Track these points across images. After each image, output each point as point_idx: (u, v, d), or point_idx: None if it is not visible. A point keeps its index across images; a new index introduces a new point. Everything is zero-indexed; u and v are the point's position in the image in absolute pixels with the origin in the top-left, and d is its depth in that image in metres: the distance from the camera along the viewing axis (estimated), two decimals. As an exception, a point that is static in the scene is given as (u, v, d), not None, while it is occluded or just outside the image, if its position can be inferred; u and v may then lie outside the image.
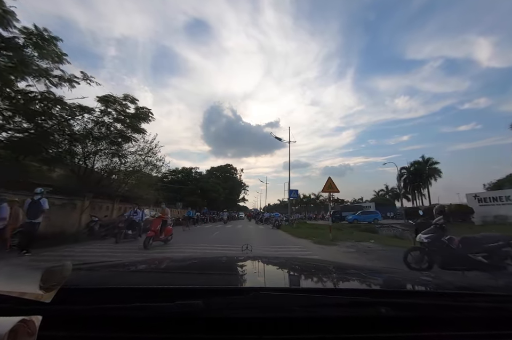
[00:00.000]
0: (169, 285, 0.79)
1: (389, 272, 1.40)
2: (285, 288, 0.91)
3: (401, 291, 0.88)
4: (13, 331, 0.42)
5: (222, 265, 1.44)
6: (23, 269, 1.24)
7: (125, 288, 0.74)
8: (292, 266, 1.47)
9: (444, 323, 0.64)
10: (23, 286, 0.63)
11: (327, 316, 0.63)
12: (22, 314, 0.46)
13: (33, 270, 0.99)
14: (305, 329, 0.61)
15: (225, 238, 11.14)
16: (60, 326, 0.58)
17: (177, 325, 0.60)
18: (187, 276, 1.08)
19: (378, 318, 0.63)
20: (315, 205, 63.40)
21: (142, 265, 1.42)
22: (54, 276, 0.76)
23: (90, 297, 0.66)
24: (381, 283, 1.17)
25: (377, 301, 0.66)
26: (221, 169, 57.38)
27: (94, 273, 1.13)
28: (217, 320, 0.61)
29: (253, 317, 0.62)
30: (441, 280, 1.28)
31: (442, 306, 0.67)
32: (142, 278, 1.07)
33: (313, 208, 62.77)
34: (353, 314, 0.63)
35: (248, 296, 0.64)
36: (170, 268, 1.37)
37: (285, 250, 7.98)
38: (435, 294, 0.83)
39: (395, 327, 0.62)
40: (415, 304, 0.68)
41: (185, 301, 0.59)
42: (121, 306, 0.61)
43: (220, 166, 59.19)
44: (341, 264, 2.04)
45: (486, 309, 0.68)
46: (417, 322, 0.64)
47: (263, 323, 0.61)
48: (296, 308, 0.64)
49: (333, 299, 0.66)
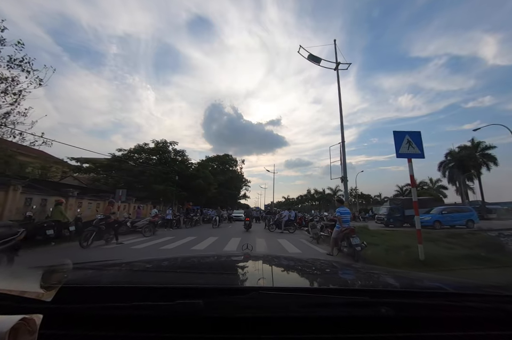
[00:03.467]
0: (169, 284, 0.79)
1: (389, 272, 1.40)
2: (285, 287, 0.88)
3: (401, 291, 0.88)
4: (14, 330, 0.42)
5: (222, 264, 1.43)
6: (24, 268, 1.24)
7: (125, 286, 0.74)
8: (292, 266, 1.47)
9: (443, 323, 0.64)
10: (24, 284, 0.66)
11: (327, 316, 0.63)
12: (23, 313, 0.46)
13: (34, 269, 0.98)
14: (305, 329, 0.61)
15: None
16: (60, 325, 0.58)
17: (177, 324, 0.60)
18: (187, 276, 1.07)
19: (378, 318, 0.63)
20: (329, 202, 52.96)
21: (143, 264, 1.39)
22: (55, 275, 0.81)
23: (91, 296, 0.66)
24: (380, 283, 1.14)
25: (377, 301, 0.66)
26: (218, 159, 47.55)
27: (95, 271, 1.13)
28: (217, 319, 0.61)
29: (253, 316, 0.62)
30: (441, 280, 1.23)
31: (442, 306, 0.67)
32: (143, 277, 1.06)
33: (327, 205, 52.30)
34: (353, 314, 0.63)
35: (248, 295, 0.64)
36: (171, 267, 1.35)
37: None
38: (435, 294, 0.82)
39: (395, 327, 0.62)
40: (415, 304, 0.68)
41: (185, 300, 0.59)
42: (122, 305, 0.61)
43: (217, 155, 49.42)
44: (341, 263, 1.90)
45: (486, 309, 0.67)
46: (417, 322, 0.64)
47: (263, 322, 0.61)
48: (296, 308, 0.64)
49: (333, 299, 0.66)
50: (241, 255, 1.71)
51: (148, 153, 22.11)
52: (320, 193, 57.21)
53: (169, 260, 1.61)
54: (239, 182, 51.21)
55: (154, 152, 22.28)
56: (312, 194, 60.78)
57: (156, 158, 22.87)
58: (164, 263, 1.47)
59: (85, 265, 1.23)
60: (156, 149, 22.31)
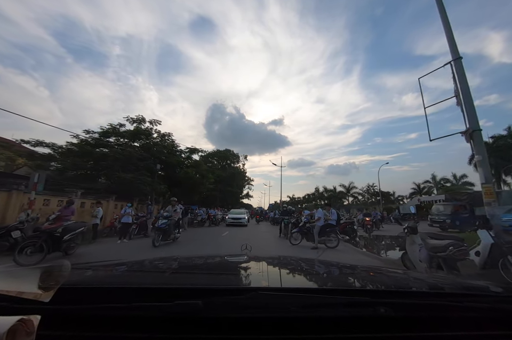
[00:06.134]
0: (168, 285, 0.78)
1: (389, 272, 1.35)
2: (284, 287, 0.88)
3: (401, 291, 0.85)
4: (12, 331, 0.41)
5: (221, 265, 1.42)
6: (22, 268, 1.24)
7: (123, 287, 0.73)
8: (291, 266, 1.45)
9: (443, 323, 0.64)
10: (22, 285, 0.65)
11: (327, 316, 0.63)
12: (20, 314, 0.46)
13: (31, 269, 1.01)
14: (304, 329, 0.60)
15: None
16: (58, 326, 0.57)
17: (176, 324, 0.59)
18: (186, 276, 1.05)
19: (377, 319, 0.62)
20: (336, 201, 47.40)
21: (141, 264, 1.34)
22: (53, 275, 0.79)
23: (89, 297, 0.65)
24: (380, 283, 1.11)
25: (377, 302, 0.65)
26: (218, 154, 42.42)
27: (93, 272, 1.10)
28: (216, 320, 0.60)
29: (252, 317, 0.61)
30: (441, 280, 1.25)
31: (441, 306, 0.67)
32: (141, 278, 1.03)
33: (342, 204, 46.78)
34: (353, 314, 0.63)
35: (247, 295, 0.63)
36: (169, 268, 1.31)
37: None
38: (434, 294, 0.82)
39: (395, 327, 0.62)
40: (414, 304, 0.67)
41: (184, 301, 0.58)
42: (120, 305, 0.60)
43: (217, 150, 44.23)
44: (341, 264, 1.73)
45: (485, 309, 0.67)
46: (416, 322, 0.64)
47: (262, 323, 0.60)
48: (295, 308, 0.63)
49: (333, 299, 0.66)
50: (240, 255, 1.70)
51: (121, 136, 16.58)
52: (330, 191, 51.78)
53: (167, 260, 1.58)
54: (242, 180, 45.99)
55: (129, 136, 16.65)
56: (320, 193, 55.47)
57: (139, 145, 17.44)
58: (162, 264, 1.46)
59: (83, 265, 1.23)
60: (132, 132, 16.63)
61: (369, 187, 46.12)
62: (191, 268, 1.27)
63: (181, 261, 1.51)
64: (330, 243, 7.53)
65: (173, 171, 17.56)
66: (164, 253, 6.41)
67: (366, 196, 47.52)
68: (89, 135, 15.58)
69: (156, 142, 17.90)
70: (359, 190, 47.78)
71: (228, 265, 1.41)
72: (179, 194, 17.54)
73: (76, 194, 10.98)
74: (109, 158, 13.52)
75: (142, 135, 17.17)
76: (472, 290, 0.89)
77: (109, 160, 13.41)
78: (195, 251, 6.87)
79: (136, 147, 17.14)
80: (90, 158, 13.93)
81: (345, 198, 49.35)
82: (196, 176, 19.16)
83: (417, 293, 0.84)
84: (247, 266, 1.37)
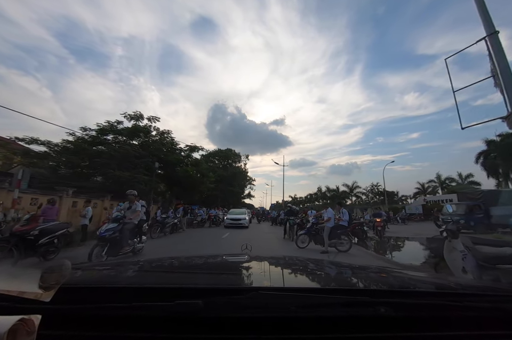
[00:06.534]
0: (168, 284, 0.77)
1: (389, 272, 1.36)
2: (284, 287, 0.88)
3: (401, 291, 0.85)
4: (12, 330, 0.41)
5: (221, 265, 1.42)
6: (22, 268, 1.23)
7: (124, 287, 0.73)
8: (292, 266, 1.45)
9: (443, 323, 0.64)
10: (22, 285, 0.64)
11: (327, 316, 0.63)
12: (21, 313, 0.46)
13: (32, 269, 0.98)
14: (304, 329, 0.60)
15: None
16: (59, 325, 0.57)
17: (177, 324, 0.60)
18: (186, 276, 1.05)
19: (378, 318, 0.62)
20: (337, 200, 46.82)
21: (141, 264, 1.37)
22: (53, 275, 0.77)
23: (90, 296, 0.65)
24: (380, 283, 1.11)
25: (377, 301, 0.65)
26: (220, 153, 41.69)
27: (94, 272, 1.12)
28: (216, 320, 0.60)
29: (252, 316, 0.61)
30: (441, 280, 1.25)
31: (442, 306, 0.67)
32: (141, 278, 1.04)
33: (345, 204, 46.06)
34: (353, 314, 0.62)
35: (248, 295, 0.63)
36: (169, 267, 1.32)
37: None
38: (435, 294, 0.82)
39: (395, 327, 0.62)
40: (414, 304, 0.67)
41: (184, 300, 0.58)
42: (121, 305, 0.60)
43: (218, 149, 43.48)
44: (341, 263, 1.78)
45: (485, 309, 0.67)
46: (417, 322, 0.63)
47: (262, 322, 0.60)
48: (295, 308, 0.63)
49: (333, 299, 0.66)
50: (240, 255, 1.69)
51: (119, 134, 15.66)
52: (333, 191, 50.98)
53: (168, 260, 1.58)
54: (243, 180, 45.21)
55: (127, 133, 15.73)
56: (323, 192, 54.66)
57: (138, 143, 16.67)
58: (162, 263, 1.45)
59: (84, 265, 1.25)
60: (130, 130, 15.72)
61: (374, 186, 45.29)
62: (192, 268, 1.27)
63: (182, 261, 1.52)
64: (342, 247, 6.80)
65: (172, 170, 16.75)
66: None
67: (370, 196, 46.69)
68: (86, 132, 14.93)
69: (154, 140, 17.08)
70: (363, 190, 46.99)
71: (229, 265, 1.42)
72: (179, 193, 16.86)
73: (67, 193, 10.31)
74: (104, 155, 12.77)
75: (140, 132, 16.33)
76: (472, 290, 0.90)
77: (104, 158, 12.66)
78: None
79: (134, 145, 16.44)
80: (85, 155, 13.18)
81: (349, 198, 48.50)
82: (196, 175, 18.38)
83: (418, 292, 0.84)
84: (248, 265, 1.38)
